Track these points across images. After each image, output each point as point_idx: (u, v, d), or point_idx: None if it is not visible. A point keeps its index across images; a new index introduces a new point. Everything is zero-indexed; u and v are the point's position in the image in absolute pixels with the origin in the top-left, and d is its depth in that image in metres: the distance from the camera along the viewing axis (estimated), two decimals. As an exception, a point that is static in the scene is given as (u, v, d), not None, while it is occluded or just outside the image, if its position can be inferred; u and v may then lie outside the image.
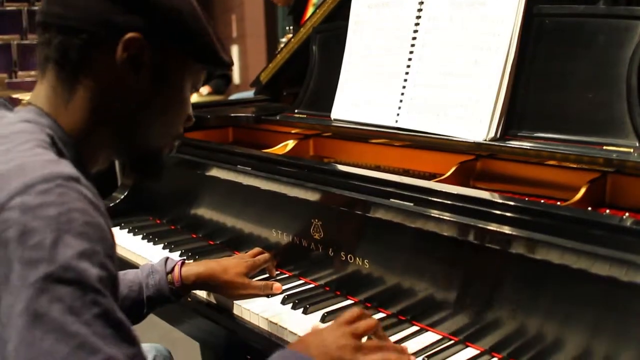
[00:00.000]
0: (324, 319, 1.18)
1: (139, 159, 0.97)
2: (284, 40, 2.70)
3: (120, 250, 1.67)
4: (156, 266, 1.27)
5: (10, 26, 6.04)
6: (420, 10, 1.48)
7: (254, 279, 1.33)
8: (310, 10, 2.99)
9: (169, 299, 1.26)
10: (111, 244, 0.73)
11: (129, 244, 1.67)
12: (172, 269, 1.26)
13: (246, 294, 1.29)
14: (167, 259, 1.29)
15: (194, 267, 1.29)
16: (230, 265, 1.31)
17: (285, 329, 1.17)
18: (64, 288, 0.65)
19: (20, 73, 6.35)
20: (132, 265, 1.55)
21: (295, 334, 1.15)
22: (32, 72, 6.30)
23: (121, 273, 1.25)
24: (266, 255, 1.39)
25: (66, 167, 0.73)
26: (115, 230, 1.76)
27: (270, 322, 1.20)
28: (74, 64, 0.83)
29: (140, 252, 1.61)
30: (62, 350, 0.64)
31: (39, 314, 0.64)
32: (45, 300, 0.64)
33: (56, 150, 0.79)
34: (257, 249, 1.42)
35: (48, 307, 0.64)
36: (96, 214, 0.72)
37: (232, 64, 0.95)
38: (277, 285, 1.32)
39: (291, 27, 2.74)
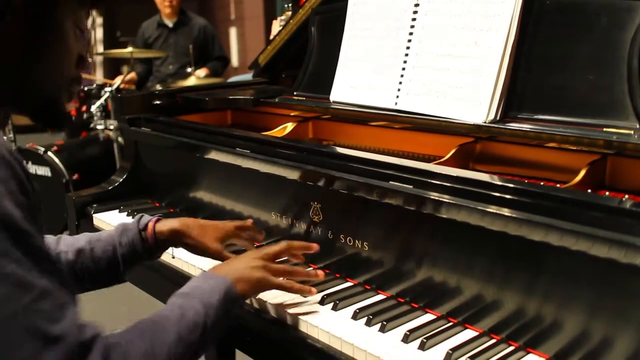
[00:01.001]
0: (323, 301, 1.19)
1: (36, 110, 0.93)
2: (282, 18, 2.66)
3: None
4: (129, 224, 1.26)
5: None
6: (420, -9, 1.47)
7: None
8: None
9: (142, 256, 1.25)
10: (22, 178, 0.73)
11: (128, 227, 1.67)
12: (146, 225, 1.25)
13: (216, 260, 1.27)
14: (141, 216, 1.28)
15: (169, 222, 1.27)
16: (209, 227, 1.28)
17: (286, 312, 1.17)
18: None
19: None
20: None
21: (293, 315, 1.15)
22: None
23: (95, 235, 1.25)
24: (248, 225, 1.35)
25: None
26: (114, 214, 1.76)
27: (270, 304, 1.20)
28: None
29: (139, 235, 1.61)
30: (1, 291, 0.68)
31: None
32: None
33: None
34: (239, 222, 1.36)
35: None
36: None
37: None
38: None
39: (290, 5, 2.70)
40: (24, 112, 0.93)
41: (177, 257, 1.44)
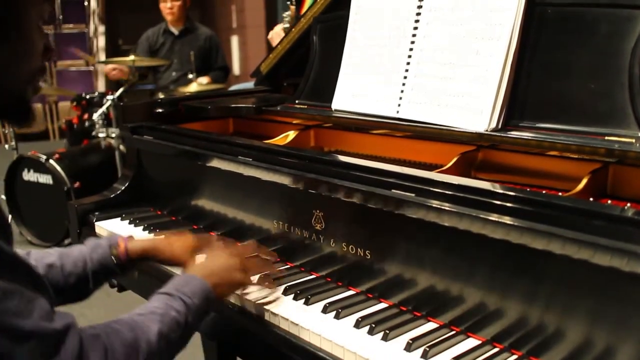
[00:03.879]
0: (325, 310, 1.19)
1: (1, 106, 0.91)
2: (287, 18, 2.66)
3: (121, 241, 1.67)
4: (101, 241, 1.30)
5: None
6: (421, 0, 1.48)
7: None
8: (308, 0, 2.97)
9: (115, 272, 1.29)
10: None
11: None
12: (117, 243, 1.28)
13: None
14: (112, 235, 1.32)
15: (140, 242, 1.32)
16: (176, 239, 1.33)
17: (287, 319, 1.17)
18: None
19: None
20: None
21: (297, 325, 1.15)
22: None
23: (66, 250, 1.27)
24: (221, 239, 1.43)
25: None
26: (117, 222, 1.76)
27: (272, 313, 1.20)
28: None
29: (141, 243, 1.61)
30: None
31: None
32: None
33: None
34: (200, 235, 1.44)
35: None
36: None
37: None
38: None
39: (291, 1, 2.69)
40: None
41: None
